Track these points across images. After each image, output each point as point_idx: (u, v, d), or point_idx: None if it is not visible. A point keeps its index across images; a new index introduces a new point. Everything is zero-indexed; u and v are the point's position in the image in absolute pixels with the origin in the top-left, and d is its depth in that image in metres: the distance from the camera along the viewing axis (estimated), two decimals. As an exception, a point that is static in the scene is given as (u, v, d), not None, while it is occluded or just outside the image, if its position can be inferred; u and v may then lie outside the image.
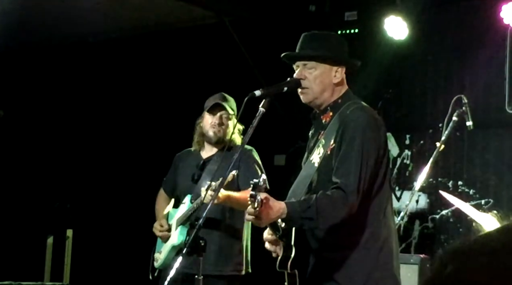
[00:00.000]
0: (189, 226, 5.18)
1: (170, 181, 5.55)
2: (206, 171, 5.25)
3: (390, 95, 7.63)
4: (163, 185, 5.61)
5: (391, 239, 3.75)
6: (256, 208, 3.36)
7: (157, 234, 5.35)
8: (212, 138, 5.28)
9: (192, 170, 5.35)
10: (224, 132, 5.26)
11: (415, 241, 7.36)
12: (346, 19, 7.70)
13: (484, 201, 6.95)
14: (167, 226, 5.31)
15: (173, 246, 5.21)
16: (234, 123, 5.27)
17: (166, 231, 5.30)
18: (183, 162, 5.49)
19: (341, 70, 3.82)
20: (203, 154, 5.39)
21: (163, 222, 5.34)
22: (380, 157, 3.68)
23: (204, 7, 7.60)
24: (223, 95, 5.35)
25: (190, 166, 5.40)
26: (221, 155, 5.25)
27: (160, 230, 5.32)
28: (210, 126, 5.27)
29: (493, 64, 6.94)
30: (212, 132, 5.27)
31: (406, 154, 7.51)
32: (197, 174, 5.30)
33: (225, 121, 5.27)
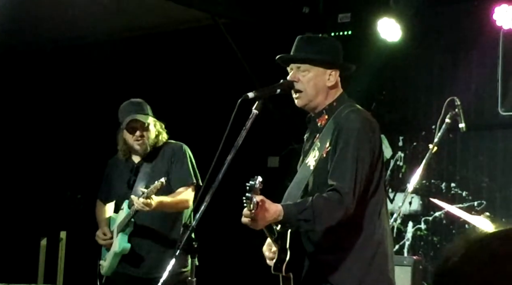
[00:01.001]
0: (129, 232, 5.20)
1: (104, 189, 5.52)
2: (140, 175, 5.26)
3: (383, 97, 7.65)
4: (98, 196, 5.58)
5: (386, 241, 3.76)
6: (252, 211, 3.36)
7: (100, 243, 5.36)
8: (139, 150, 5.27)
9: (127, 175, 5.36)
10: (148, 140, 5.23)
11: (408, 242, 7.37)
12: (339, 21, 7.71)
13: (477, 203, 6.97)
14: (109, 234, 5.32)
15: (115, 253, 5.23)
16: (154, 123, 5.26)
17: (108, 239, 5.31)
18: (115, 168, 5.47)
19: (335, 73, 3.82)
20: (134, 158, 5.39)
21: (105, 230, 5.34)
22: (375, 159, 3.70)
23: (198, 9, 7.59)
24: (133, 103, 5.33)
25: (123, 172, 5.40)
26: (152, 157, 5.28)
27: (103, 239, 5.33)
28: (133, 141, 5.25)
29: (486, 66, 6.96)
30: (138, 146, 5.25)
31: (399, 156, 7.52)
32: (132, 179, 5.31)
33: (145, 132, 5.23)
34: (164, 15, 8.10)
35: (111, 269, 5.29)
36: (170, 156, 5.25)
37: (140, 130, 5.23)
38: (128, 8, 7.85)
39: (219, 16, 7.70)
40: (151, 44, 8.73)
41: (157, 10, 7.85)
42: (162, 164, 5.20)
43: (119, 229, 5.23)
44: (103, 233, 5.34)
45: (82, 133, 9.20)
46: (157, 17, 8.20)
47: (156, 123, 5.29)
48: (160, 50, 8.69)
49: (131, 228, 5.20)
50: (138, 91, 8.77)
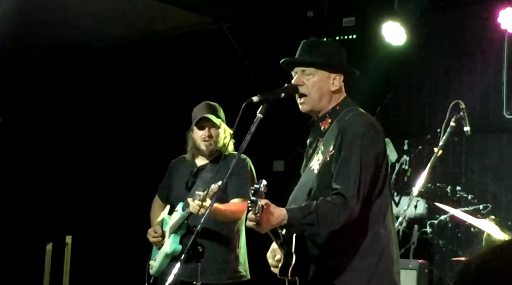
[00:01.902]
0: (181, 234, 5.19)
1: (165, 188, 5.55)
2: (199, 179, 5.27)
3: (388, 101, 7.65)
4: (158, 191, 5.62)
5: (391, 245, 3.75)
6: (256, 214, 3.36)
7: (151, 240, 5.36)
8: (204, 151, 5.30)
9: (186, 177, 5.37)
10: (215, 143, 5.27)
11: (413, 246, 7.35)
12: (344, 25, 7.71)
13: (482, 206, 6.96)
14: (160, 232, 5.32)
15: (166, 254, 5.22)
16: (224, 129, 5.30)
17: (159, 238, 5.31)
18: (178, 169, 5.49)
19: (339, 77, 3.83)
20: (197, 161, 5.40)
21: (156, 229, 5.34)
22: (379, 162, 3.69)
23: (202, 13, 7.61)
24: (208, 105, 5.36)
25: (184, 173, 5.41)
26: (215, 164, 5.28)
27: (154, 236, 5.33)
28: (200, 140, 5.28)
29: (491, 69, 6.96)
30: (204, 146, 5.28)
31: (404, 160, 7.52)
32: (191, 182, 5.31)
33: (214, 133, 5.27)
34: (169, 19, 8.12)
35: (161, 270, 5.26)
36: (232, 167, 5.24)
37: (209, 129, 5.25)
38: (133, 13, 7.87)
39: (223, 20, 7.71)
40: (156, 49, 8.75)
41: (161, 15, 7.87)
42: (222, 172, 5.13)
43: (172, 230, 5.21)
44: (154, 231, 5.33)
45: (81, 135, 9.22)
46: (161, 22, 8.22)
47: (227, 130, 5.28)
48: (165, 55, 8.71)
49: (184, 231, 5.18)
50: (142, 95, 8.81)
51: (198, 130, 5.29)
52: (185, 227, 5.19)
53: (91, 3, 7.47)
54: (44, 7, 7.67)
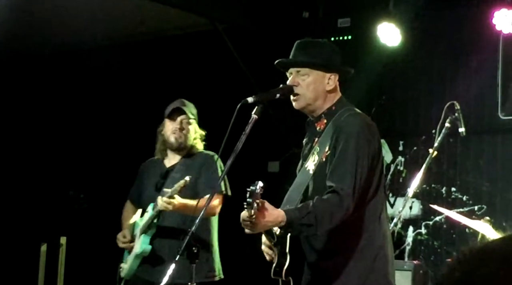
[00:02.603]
0: (151, 234, 5.16)
1: (135, 191, 5.52)
2: (169, 179, 5.23)
3: (383, 102, 7.65)
4: (129, 195, 5.58)
5: (386, 246, 3.75)
6: (252, 216, 3.36)
7: (120, 245, 5.33)
8: (173, 144, 5.26)
9: (156, 179, 5.34)
10: (186, 137, 5.25)
11: (408, 247, 7.36)
12: (339, 26, 7.71)
13: (477, 207, 6.96)
14: (129, 237, 5.28)
15: (136, 254, 5.19)
16: (195, 128, 5.29)
17: (128, 242, 5.27)
18: (148, 171, 5.47)
19: (334, 77, 3.83)
20: (166, 162, 5.38)
21: (125, 233, 5.31)
22: (374, 163, 3.69)
23: (197, 14, 7.60)
24: (182, 100, 5.36)
25: (154, 175, 5.38)
26: (184, 163, 5.27)
27: (123, 241, 5.30)
28: (171, 132, 5.26)
29: (486, 70, 6.96)
30: (173, 138, 5.25)
31: (399, 161, 7.52)
32: (160, 183, 5.28)
33: (186, 126, 5.26)
34: (164, 20, 8.11)
35: (131, 271, 5.24)
36: (201, 164, 5.23)
37: (181, 122, 5.24)
38: (128, 13, 7.86)
39: (218, 21, 7.70)
40: (151, 49, 8.74)
41: (157, 15, 7.86)
42: (192, 171, 5.15)
43: (142, 231, 5.19)
44: (123, 235, 5.31)
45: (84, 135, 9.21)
46: (157, 22, 8.21)
47: (198, 130, 5.29)
48: (160, 55, 8.70)
49: (154, 230, 5.16)
50: (138, 95, 8.80)
51: (170, 122, 5.27)
52: (154, 227, 5.16)
53: (86, 3, 7.46)
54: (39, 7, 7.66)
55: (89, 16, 7.81)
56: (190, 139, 5.25)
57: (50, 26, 8.27)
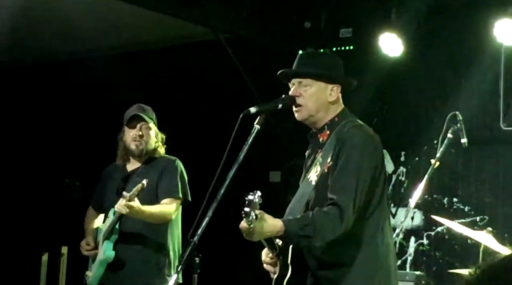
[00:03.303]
0: (114, 239, 5.11)
1: (97, 197, 5.47)
2: (130, 183, 5.18)
3: (385, 112, 7.65)
4: (91, 201, 5.53)
5: (389, 257, 3.74)
6: (250, 225, 3.35)
7: (83, 253, 5.28)
8: (134, 151, 5.24)
9: (117, 183, 5.31)
10: (146, 143, 5.22)
11: (410, 258, 7.35)
12: (341, 36, 7.72)
13: (479, 218, 6.95)
14: (92, 244, 5.24)
15: (100, 261, 5.15)
16: (156, 132, 5.27)
17: (92, 249, 5.24)
18: (109, 176, 5.43)
19: (336, 88, 3.82)
20: (128, 167, 5.35)
21: (89, 240, 5.27)
22: (376, 175, 3.69)
23: (200, 24, 7.61)
24: (140, 106, 5.33)
25: (115, 180, 5.35)
26: (146, 167, 5.25)
27: (86, 249, 5.26)
28: (131, 140, 5.23)
29: (488, 81, 6.96)
30: (134, 146, 5.22)
31: (401, 171, 7.51)
32: (121, 187, 5.23)
33: (145, 132, 5.22)
34: (166, 30, 8.13)
35: (96, 279, 5.20)
36: (162, 168, 5.21)
37: (140, 129, 5.21)
38: (130, 23, 7.87)
39: (221, 31, 7.71)
40: (153, 59, 8.75)
41: (160, 25, 7.87)
42: (152, 175, 5.14)
43: (104, 237, 5.15)
44: (87, 243, 5.26)
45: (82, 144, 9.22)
46: (159, 32, 8.22)
47: (158, 133, 5.28)
48: (162, 65, 8.71)
49: (116, 235, 5.11)
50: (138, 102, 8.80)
51: (129, 129, 5.24)
52: (117, 232, 5.12)
53: (85, 13, 7.47)
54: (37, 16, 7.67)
55: (89, 26, 7.83)
56: (151, 144, 5.22)
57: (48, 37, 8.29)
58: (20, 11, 7.15)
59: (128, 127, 5.25)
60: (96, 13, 7.53)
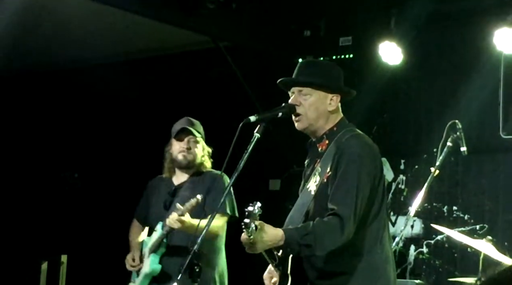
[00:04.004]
0: (161, 253, 5.14)
1: (142, 209, 5.49)
2: (178, 198, 5.21)
3: (384, 120, 7.65)
4: (135, 214, 5.55)
5: (389, 267, 3.74)
6: (250, 237, 3.36)
7: (128, 268, 5.28)
8: (181, 162, 5.26)
9: (164, 197, 5.33)
10: (194, 156, 5.25)
11: (410, 266, 7.34)
12: (341, 45, 7.73)
13: (479, 226, 6.95)
14: (138, 260, 5.25)
15: (146, 274, 5.16)
16: (202, 146, 5.29)
17: (137, 266, 5.23)
18: (155, 189, 5.45)
19: (336, 98, 3.82)
20: (174, 180, 5.37)
21: (135, 255, 5.28)
22: (375, 184, 3.69)
23: (199, 32, 7.62)
24: (189, 119, 5.36)
25: (162, 193, 5.37)
26: (193, 181, 5.26)
27: (131, 265, 5.26)
28: (178, 151, 5.26)
29: (487, 89, 6.97)
30: (182, 156, 5.25)
31: (401, 179, 7.51)
32: (168, 201, 5.27)
33: (193, 145, 5.26)
34: (166, 38, 8.14)
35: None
36: (209, 184, 5.20)
37: (188, 142, 5.25)
38: (130, 31, 7.88)
39: (220, 39, 7.72)
40: (153, 67, 8.76)
41: (159, 33, 7.88)
42: (200, 191, 5.12)
43: (151, 250, 5.17)
44: (132, 258, 5.27)
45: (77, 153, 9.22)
46: (159, 40, 8.23)
47: (206, 148, 5.28)
48: (162, 73, 8.72)
49: (163, 249, 5.14)
50: (139, 113, 8.80)
51: (177, 142, 5.28)
52: (164, 246, 5.14)
53: (86, 20, 7.49)
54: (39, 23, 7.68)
55: (88, 34, 7.84)
56: (198, 158, 5.25)
57: (50, 44, 8.30)
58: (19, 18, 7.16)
59: (176, 139, 5.29)
60: (95, 21, 7.54)
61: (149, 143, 8.69)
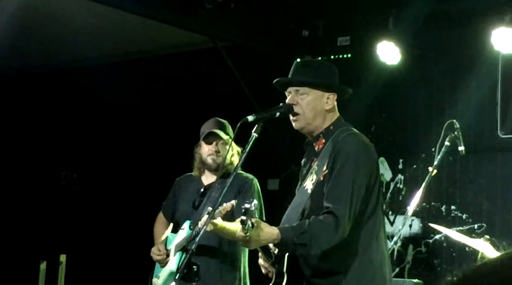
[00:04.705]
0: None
1: (169, 206, 5.51)
2: (207, 198, 5.23)
3: (383, 120, 7.66)
4: (162, 209, 5.57)
5: (384, 265, 3.75)
6: (246, 234, 3.38)
7: (155, 258, 5.30)
8: (211, 165, 5.28)
9: (193, 195, 5.34)
10: (223, 158, 5.23)
11: (408, 265, 7.35)
12: (339, 44, 7.74)
13: (477, 225, 6.96)
14: (165, 251, 5.27)
15: (172, 272, 5.15)
16: (232, 146, 5.23)
17: (164, 256, 5.26)
18: (184, 187, 5.46)
19: (332, 97, 3.84)
20: (204, 180, 5.39)
21: (161, 247, 5.30)
22: (371, 182, 3.70)
23: (198, 32, 7.63)
24: (217, 121, 5.35)
25: (190, 191, 5.38)
26: (222, 182, 5.19)
27: (158, 254, 5.27)
28: (207, 155, 5.28)
29: (485, 89, 6.98)
30: (211, 160, 5.26)
31: (399, 179, 7.52)
32: (198, 200, 5.28)
33: (222, 148, 5.26)
34: (165, 38, 8.14)
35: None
36: (238, 187, 5.21)
37: (216, 144, 5.25)
38: (128, 31, 7.89)
39: (219, 39, 7.73)
40: (151, 67, 8.77)
41: (158, 33, 7.89)
42: (230, 192, 5.07)
43: (178, 248, 5.16)
44: (158, 249, 5.28)
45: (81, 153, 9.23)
46: (158, 40, 8.24)
47: (235, 148, 5.25)
48: (160, 73, 8.72)
49: None
50: (138, 113, 8.82)
51: (206, 145, 5.29)
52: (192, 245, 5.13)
53: (85, 21, 7.49)
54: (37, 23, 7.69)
55: (88, 34, 7.84)
56: (227, 160, 5.21)
57: (50, 45, 8.31)
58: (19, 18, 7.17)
59: (205, 142, 5.29)
60: (94, 22, 7.54)
61: (148, 143, 8.73)
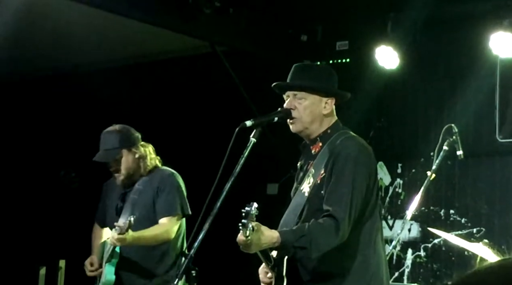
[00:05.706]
0: (115, 263, 5.07)
1: (100, 213, 5.42)
2: (127, 202, 5.12)
3: (381, 124, 7.67)
4: (95, 218, 5.47)
5: (382, 268, 3.76)
6: (247, 237, 3.38)
7: (87, 274, 5.23)
8: (120, 184, 5.15)
9: (116, 201, 5.24)
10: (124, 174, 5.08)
11: (407, 270, 7.35)
12: (337, 49, 7.75)
13: (476, 229, 6.96)
14: (97, 265, 5.18)
15: (103, 283, 5.11)
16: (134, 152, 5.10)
17: (96, 270, 5.17)
18: (109, 192, 5.36)
19: (330, 101, 3.85)
20: None
21: (94, 260, 5.20)
22: (370, 185, 3.71)
23: (197, 37, 7.64)
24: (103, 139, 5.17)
25: (114, 197, 5.27)
26: (141, 183, 5.13)
27: (90, 270, 5.19)
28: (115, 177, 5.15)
29: (484, 93, 6.99)
30: (119, 182, 5.14)
31: (398, 183, 7.53)
32: (119, 206, 5.18)
33: (118, 165, 5.09)
34: (163, 43, 8.15)
35: None
36: (157, 183, 5.10)
37: (111, 166, 5.12)
38: (127, 36, 7.90)
39: (218, 44, 7.74)
40: (150, 72, 8.77)
41: (156, 38, 7.90)
42: (149, 191, 5.06)
43: (106, 259, 5.11)
44: (90, 262, 5.20)
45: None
46: (156, 45, 8.25)
47: (139, 151, 5.12)
48: (159, 78, 8.73)
49: (117, 259, 5.07)
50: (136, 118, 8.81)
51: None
52: (117, 256, 5.06)
53: (85, 26, 7.50)
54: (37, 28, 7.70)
55: (87, 39, 7.85)
56: (129, 168, 5.07)
57: (50, 49, 8.31)
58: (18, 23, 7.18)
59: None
60: (92, 26, 7.55)
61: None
